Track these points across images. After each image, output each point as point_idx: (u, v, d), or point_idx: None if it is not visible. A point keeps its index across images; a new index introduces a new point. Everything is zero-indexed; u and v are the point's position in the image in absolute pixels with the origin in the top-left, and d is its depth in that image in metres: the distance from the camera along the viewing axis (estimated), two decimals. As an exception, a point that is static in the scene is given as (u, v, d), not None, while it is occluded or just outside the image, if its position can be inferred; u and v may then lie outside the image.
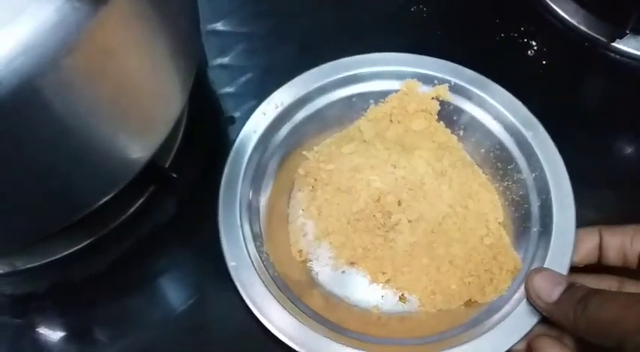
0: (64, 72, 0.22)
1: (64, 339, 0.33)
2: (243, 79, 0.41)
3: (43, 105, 0.23)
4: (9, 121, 0.22)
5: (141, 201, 0.36)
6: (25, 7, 0.21)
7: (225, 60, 0.42)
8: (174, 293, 0.35)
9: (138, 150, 0.29)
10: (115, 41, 0.24)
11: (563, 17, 0.44)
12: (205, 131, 0.39)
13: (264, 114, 0.37)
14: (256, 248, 0.34)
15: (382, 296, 0.35)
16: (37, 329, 0.33)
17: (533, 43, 0.42)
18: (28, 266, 0.35)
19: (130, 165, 0.30)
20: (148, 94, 0.28)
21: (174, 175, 0.33)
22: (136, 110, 0.27)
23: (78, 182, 0.28)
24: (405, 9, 0.45)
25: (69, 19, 0.22)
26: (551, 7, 0.45)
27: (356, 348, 0.31)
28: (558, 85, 0.42)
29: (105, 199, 0.29)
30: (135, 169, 0.30)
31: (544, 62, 0.42)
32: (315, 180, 0.37)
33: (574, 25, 0.44)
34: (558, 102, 0.41)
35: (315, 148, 0.39)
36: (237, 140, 0.36)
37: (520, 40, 0.43)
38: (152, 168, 0.32)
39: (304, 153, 0.38)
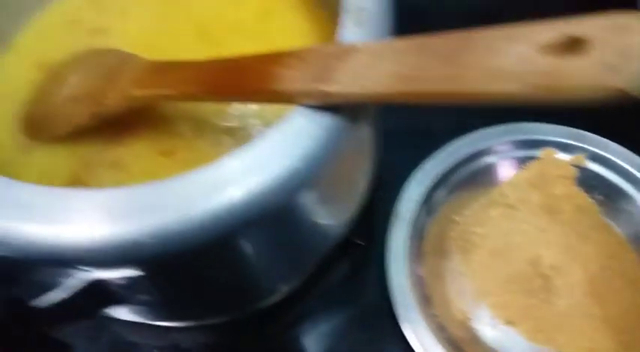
0: (319, 184, 0.26)
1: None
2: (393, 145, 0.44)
3: (288, 211, 0.26)
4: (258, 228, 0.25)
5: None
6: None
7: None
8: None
9: (338, 231, 0.32)
10: (350, 151, 0.28)
11: None
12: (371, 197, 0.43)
13: (417, 182, 0.41)
14: (426, 310, 0.37)
15: (541, 354, 0.38)
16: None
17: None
18: (209, 322, 0.38)
19: (328, 245, 0.33)
20: (358, 186, 0.31)
21: (362, 243, 0.37)
22: (346, 202, 0.31)
23: (282, 270, 0.31)
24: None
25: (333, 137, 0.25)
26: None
27: None
28: None
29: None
30: (330, 246, 0.34)
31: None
32: (467, 242, 0.40)
33: None
34: None
35: (464, 212, 0.42)
36: (398, 206, 0.40)
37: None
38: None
39: (454, 217, 0.42)
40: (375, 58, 0.21)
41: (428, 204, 0.41)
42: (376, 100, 0.21)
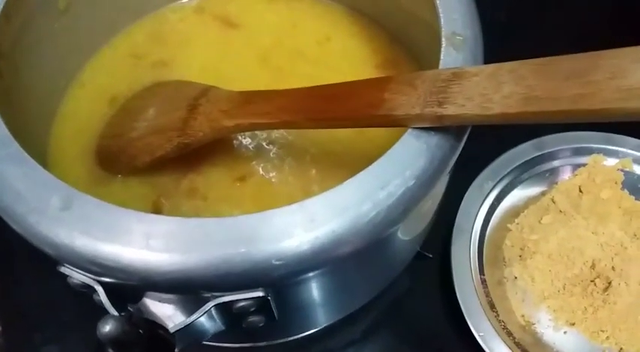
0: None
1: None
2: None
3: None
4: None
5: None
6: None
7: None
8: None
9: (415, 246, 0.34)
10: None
11: None
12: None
13: (474, 194, 0.42)
14: (492, 317, 0.39)
15: (604, 352, 0.39)
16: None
17: None
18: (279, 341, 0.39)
19: (406, 260, 0.35)
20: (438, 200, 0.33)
21: (430, 255, 0.38)
22: (428, 217, 0.32)
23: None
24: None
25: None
26: None
27: None
28: None
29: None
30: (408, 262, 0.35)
31: None
32: (522, 249, 0.42)
33: None
34: None
35: (516, 220, 0.43)
36: (457, 220, 0.41)
37: None
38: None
39: (508, 225, 0.43)
40: (493, 81, 0.22)
41: (484, 215, 0.42)
42: (496, 121, 0.22)
